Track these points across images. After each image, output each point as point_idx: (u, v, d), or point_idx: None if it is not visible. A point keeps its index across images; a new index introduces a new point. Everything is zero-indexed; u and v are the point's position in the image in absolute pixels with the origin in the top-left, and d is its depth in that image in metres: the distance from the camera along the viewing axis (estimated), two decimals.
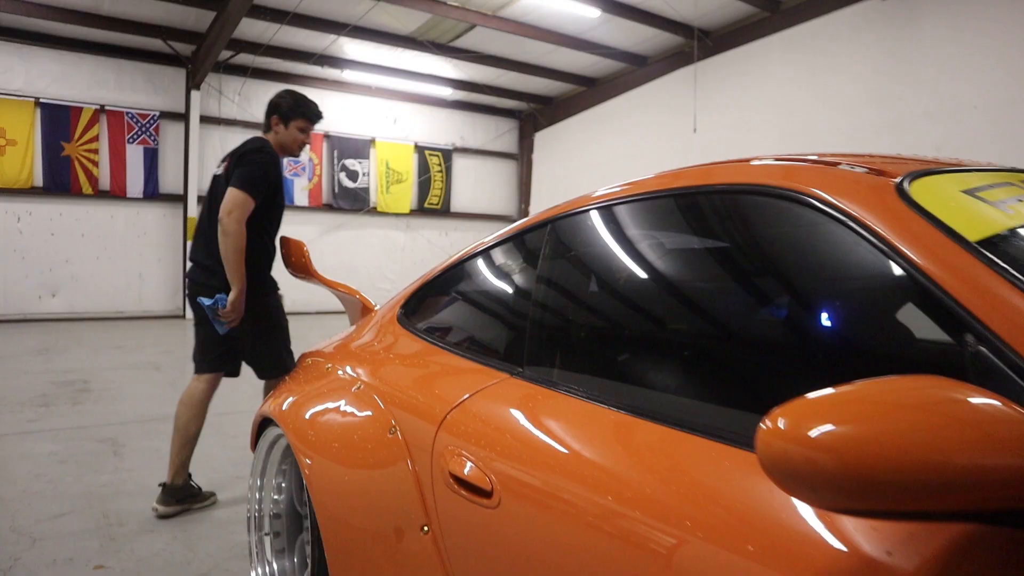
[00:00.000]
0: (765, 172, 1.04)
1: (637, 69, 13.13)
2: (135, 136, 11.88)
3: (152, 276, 12.28)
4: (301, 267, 2.74)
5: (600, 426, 1.09)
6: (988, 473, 0.57)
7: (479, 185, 15.54)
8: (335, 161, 13.64)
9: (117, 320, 11.66)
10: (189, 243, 11.93)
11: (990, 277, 0.75)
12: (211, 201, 3.04)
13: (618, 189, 1.34)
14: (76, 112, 11.42)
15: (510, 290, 1.58)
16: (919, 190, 0.89)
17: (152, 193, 12.05)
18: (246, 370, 3.11)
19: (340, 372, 1.81)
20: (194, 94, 11.97)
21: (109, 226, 11.90)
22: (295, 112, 3.08)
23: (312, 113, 3.15)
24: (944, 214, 0.84)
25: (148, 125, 11.94)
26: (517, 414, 1.25)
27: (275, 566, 1.89)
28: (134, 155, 11.92)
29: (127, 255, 12.05)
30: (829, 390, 0.62)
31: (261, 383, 3.17)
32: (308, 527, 1.66)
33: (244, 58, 11.98)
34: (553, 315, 1.40)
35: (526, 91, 14.56)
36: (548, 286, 1.41)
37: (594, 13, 10.41)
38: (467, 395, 1.36)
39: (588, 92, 14.27)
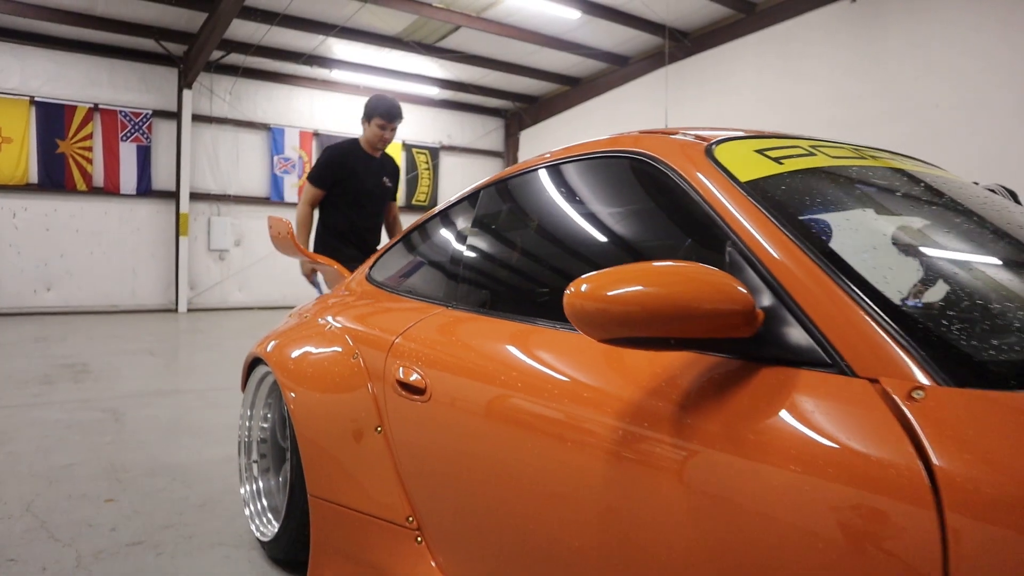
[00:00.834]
0: (623, 141, 1.40)
1: (619, 69, 13.51)
2: (128, 134, 12.17)
3: (145, 271, 12.57)
4: (285, 243, 3.06)
5: (502, 333, 1.45)
6: (715, 311, 0.91)
7: (466, 182, 15.82)
8: None
9: (111, 314, 11.94)
10: (182, 238, 12.29)
11: (744, 202, 1.10)
12: None
13: (532, 160, 1.70)
14: (70, 110, 11.70)
15: (448, 245, 1.93)
16: (722, 150, 1.25)
17: (145, 190, 12.34)
18: (231, 357, 3.43)
19: (319, 320, 2.16)
20: (186, 93, 12.26)
21: (103, 222, 12.18)
22: (372, 112, 3.58)
23: (384, 111, 3.57)
24: (730, 164, 1.19)
25: (141, 123, 12.23)
26: (444, 332, 1.60)
27: (260, 483, 2.24)
28: (127, 153, 12.20)
29: (121, 250, 12.34)
30: (613, 268, 0.97)
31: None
32: (289, 445, 2.00)
33: (235, 58, 12.29)
34: (476, 260, 1.76)
35: (511, 90, 14.91)
36: (474, 239, 1.77)
37: (574, 15, 10.78)
38: (411, 324, 1.71)
39: (572, 91, 14.64)
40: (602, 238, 1.45)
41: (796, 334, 0.92)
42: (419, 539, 1.58)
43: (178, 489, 2.77)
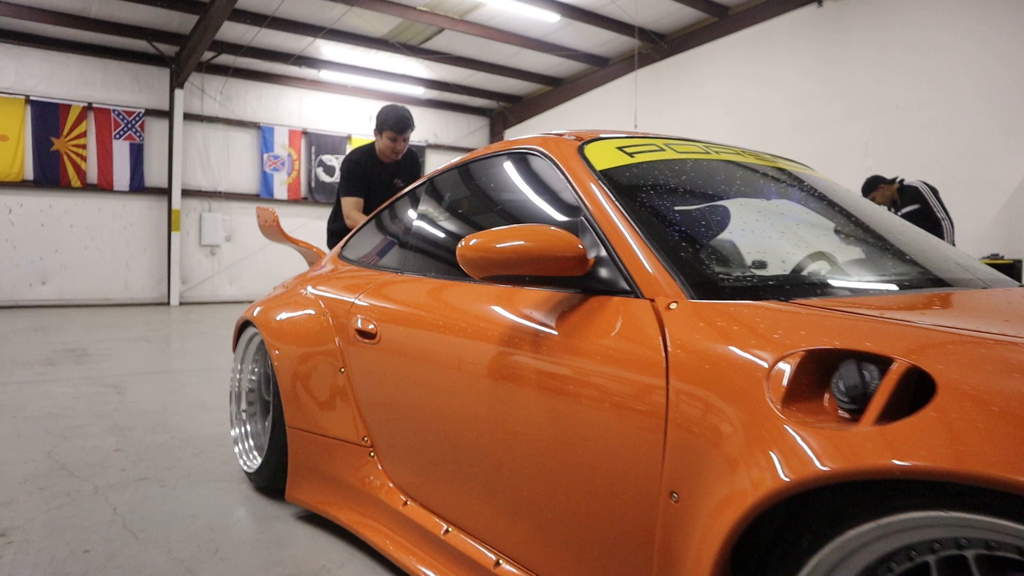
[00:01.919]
0: (528, 140, 1.82)
1: (599, 70, 13.94)
2: (121, 132, 12.52)
3: (138, 265, 12.92)
4: (271, 230, 3.47)
5: (431, 289, 1.88)
6: (558, 257, 1.33)
7: None
8: (313, 157, 14.32)
9: (104, 307, 12.29)
10: (174, 234, 12.64)
11: (594, 184, 1.53)
12: None
13: (465, 156, 2.12)
14: (65, 109, 12.04)
15: (399, 227, 2.35)
16: (590, 147, 1.67)
17: (138, 186, 12.69)
18: (222, 344, 3.83)
19: (299, 290, 2.58)
20: (178, 92, 12.61)
21: (97, 217, 12.52)
22: (382, 125, 3.86)
23: (393, 123, 3.83)
24: (592, 157, 1.62)
25: (134, 122, 12.58)
26: (392, 292, 2.03)
27: (248, 427, 2.65)
28: (120, 150, 12.55)
29: (114, 245, 12.68)
30: (492, 229, 1.40)
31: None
32: (272, 394, 2.42)
33: (226, 58, 12.64)
34: (420, 236, 2.18)
35: (495, 90, 15.33)
36: (418, 220, 2.20)
37: (554, 18, 11.20)
38: (369, 287, 2.13)
39: (554, 91, 15.07)
40: (505, 209, 1.88)
41: (612, 274, 1.35)
42: (372, 454, 2.00)
43: (176, 443, 3.18)
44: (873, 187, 6.02)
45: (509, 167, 1.88)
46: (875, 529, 0.83)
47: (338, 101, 14.57)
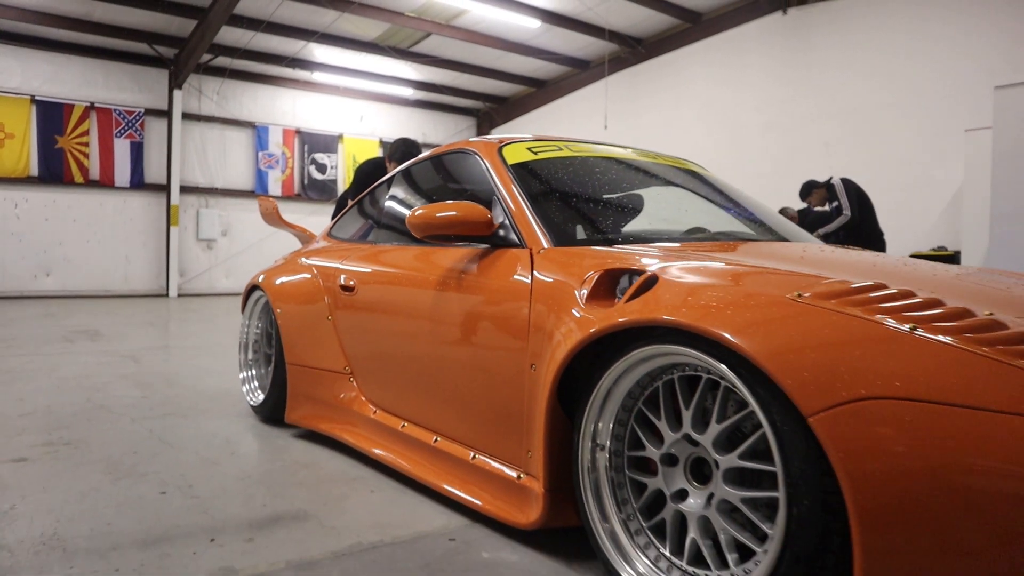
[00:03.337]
0: (464, 143, 2.46)
1: (580, 72, 14.58)
2: (122, 131, 13.09)
3: (137, 258, 13.50)
4: (271, 217, 4.08)
5: (392, 252, 2.52)
6: (474, 222, 1.97)
7: None
8: (305, 155, 14.93)
9: (106, 298, 12.87)
10: (173, 228, 13.21)
11: (505, 174, 2.17)
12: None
13: (424, 155, 2.76)
14: (68, 108, 12.61)
15: (374, 208, 2.99)
16: (507, 147, 2.31)
17: (138, 183, 13.27)
18: (222, 328, 4.44)
19: (297, 260, 3.21)
20: (176, 93, 13.20)
21: (98, 212, 13.10)
22: (391, 156, 4.84)
23: (399, 158, 4.69)
24: (507, 155, 2.26)
25: (134, 121, 13.15)
26: (365, 256, 2.67)
27: (253, 371, 3.29)
28: (121, 148, 13.13)
29: (115, 239, 13.26)
30: (431, 203, 2.04)
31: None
32: (274, 341, 3.05)
33: (222, 60, 13.24)
34: (387, 215, 2.82)
35: (481, 92, 15.96)
36: (386, 203, 2.84)
37: (534, 23, 11.83)
38: (349, 254, 2.77)
39: (538, 92, 15.70)
40: (448, 190, 2.54)
41: (508, 233, 1.99)
42: (351, 379, 2.64)
43: (192, 394, 3.81)
44: (808, 191, 6.67)
45: (451, 162, 2.53)
46: (626, 360, 1.47)
47: (330, 102, 15.18)
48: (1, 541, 1.77)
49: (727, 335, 1.23)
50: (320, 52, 13.32)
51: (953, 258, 8.66)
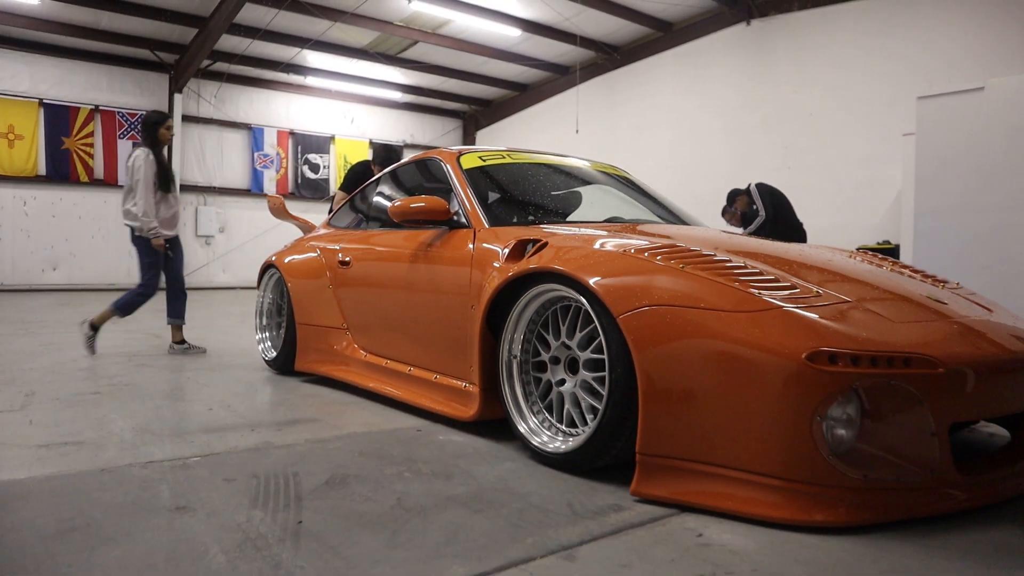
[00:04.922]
0: (432, 152, 3.25)
1: (561, 77, 15.39)
2: (125, 132, 13.80)
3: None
4: (279, 211, 4.86)
5: (378, 234, 3.32)
6: (438, 211, 2.77)
7: None
8: (299, 155, 15.68)
9: (110, 290, 13.57)
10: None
11: (460, 175, 2.97)
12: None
13: (403, 161, 3.56)
14: (74, 111, 13.31)
15: (365, 202, 3.79)
16: (464, 156, 3.12)
17: None
18: (225, 314, 5.22)
19: (304, 243, 4.01)
20: (176, 97, 13.91)
21: (102, 210, 13.80)
22: (375, 158, 5.64)
23: (380, 162, 5.44)
24: (463, 162, 3.06)
25: (136, 123, 13.86)
26: (358, 239, 3.47)
27: (267, 333, 4.09)
28: (124, 149, 13.81)
29: (118, 235, 13.94)
30: (413, 196, 2.84)
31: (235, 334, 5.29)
32: (286, 311, 3.84)
33: (221, 66, 13.96)
34: (374, 207, 3.62)
35: (467, 95, 16.74)
36: (374, 198, 3.64)
37: (515, 32, 12.62)
38: (346, 238, 3.57)
39: (521, 96, 16.50)
40: (420, 187, 3.34)
41: (461, 218, 2.79)
42: (347, 333, 3.44)
43: (214, 356, 4.59)
44: (732, 200, 7.48)
45: (422, 166, 3.35)
46: (531, 293, 2.27)
47: (322, 104, 15.94)
48: (111, 428, 2.56)
49: (580, 275, 2.04)
50: (313, 58, 14.07)
51: (894, 251, 9.52)
